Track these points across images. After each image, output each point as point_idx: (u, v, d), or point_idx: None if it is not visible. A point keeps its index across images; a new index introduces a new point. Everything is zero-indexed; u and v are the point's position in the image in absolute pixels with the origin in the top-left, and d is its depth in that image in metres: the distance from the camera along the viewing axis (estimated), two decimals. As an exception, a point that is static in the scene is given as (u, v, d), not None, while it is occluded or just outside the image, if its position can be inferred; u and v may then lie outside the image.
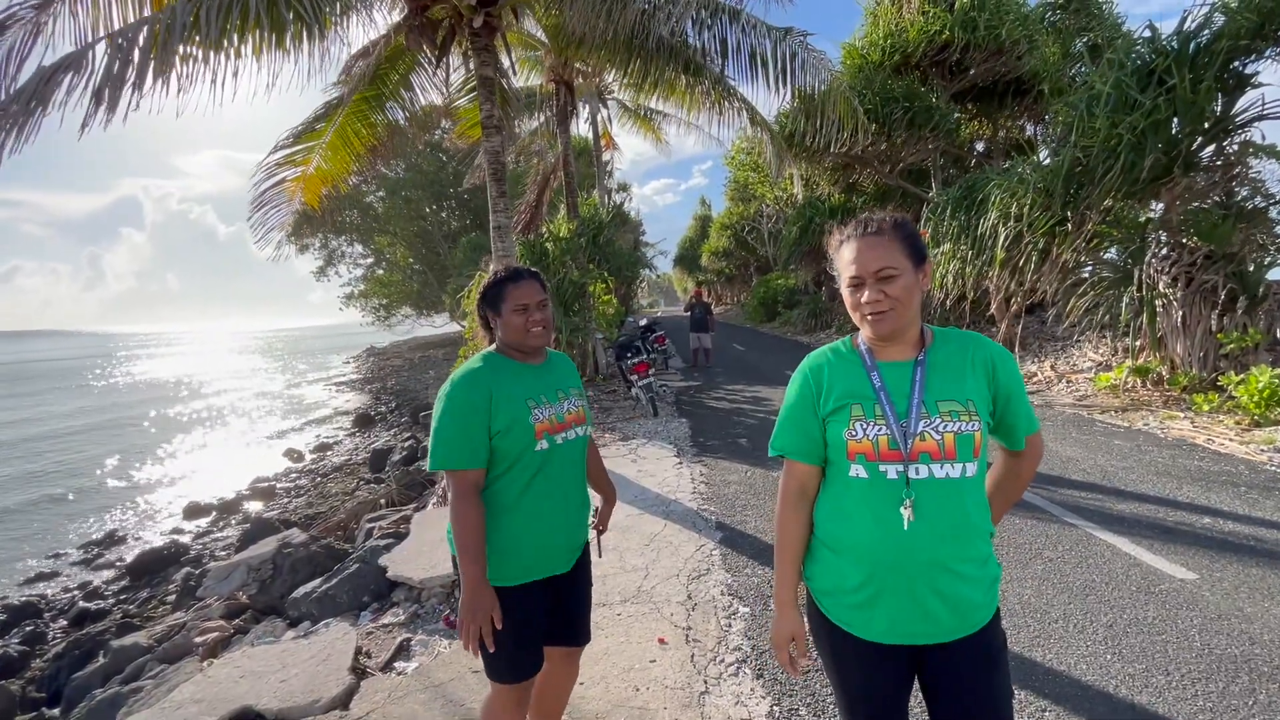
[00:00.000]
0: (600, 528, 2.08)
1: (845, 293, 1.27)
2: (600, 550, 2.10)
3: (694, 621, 3.06)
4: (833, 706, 2.31)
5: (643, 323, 13.82)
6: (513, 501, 1.69)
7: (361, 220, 31.72)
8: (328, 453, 13.57)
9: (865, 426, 1.23)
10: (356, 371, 32.56)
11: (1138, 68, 7.24)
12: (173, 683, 3.15)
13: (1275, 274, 6.95)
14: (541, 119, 13.72)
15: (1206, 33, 6.84)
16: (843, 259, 1.26)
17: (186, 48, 4.24)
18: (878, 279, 1.21)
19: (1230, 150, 7.16)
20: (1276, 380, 5.63)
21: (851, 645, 1.28)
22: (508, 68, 7.59)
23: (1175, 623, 2.74)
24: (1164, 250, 7.32)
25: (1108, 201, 7.71)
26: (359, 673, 2.87)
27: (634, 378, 8.81)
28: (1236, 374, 6.15)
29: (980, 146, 16.92)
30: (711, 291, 55.17)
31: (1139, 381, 7.34)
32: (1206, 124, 6.95)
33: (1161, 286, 7.07)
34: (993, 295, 9.99)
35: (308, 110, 8.14)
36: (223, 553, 7.48)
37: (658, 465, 5.99)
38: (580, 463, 1.85)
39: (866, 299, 1.22)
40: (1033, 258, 8.56)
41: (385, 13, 6.42)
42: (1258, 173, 7.13)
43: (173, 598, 5.96)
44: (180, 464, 14.44)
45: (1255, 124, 6.94)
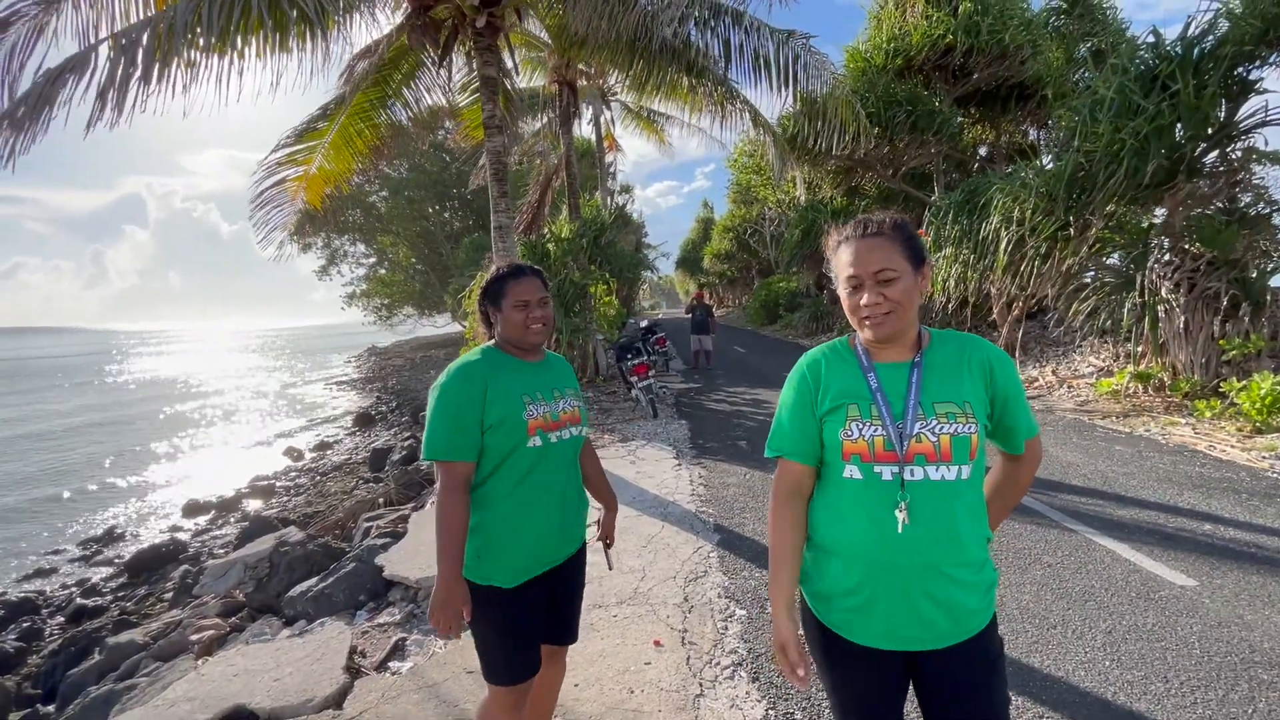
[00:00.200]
0: (608, 540, 2.01)
1: (843, 294, 1.25)
2: (611, 563, 2.04)
3: (690, 624, 3.04)
4: (828, 711, 2.29)
5: (643, 324, 13.80)
6: (505, 500, 1.67)
7: (364, 220, 31.79)
8: (328, 452, 13.56)
9: (861, 427, 1.21)
10: (357, 371, 32.58)
11: (1141, 73, 7.22)
12: (166, 680, 3.14)
13: (1278, 280, 6.93)
14: (545, 120, 13.75)
15: (1211, 38, 6.82)
16: (841, 260, 1.24)
17: (190, 51, 4.24)
18: (877, 281, 1.19)
19: (1234, 156, 7.14)
20: (1278, 387, 5.60)
21: (846, 650, 1.26)
22: (511, 69, 7.60)
23: (1175, 629, 2.72)
24: (1166, 256, 7.30)
25: (1110, 206, 7.69)
26: (353, 672, 2.86)
27: (634, 379, 8.79)
28: (1238, 380, 6.13)
29: (983, 151, 16.89)
30: (713, 294, 55.18)
31: (1140, 387, 7.31)
32: (1210, 130, 6.92)
33: (1164, 292, 7.04)
34: (994, 299, 9.97)
35: (312, 109, 8.16)
36: (221, 550, 7.46)
37: (656, 467, 5.98)
38: (575, 463, 1.83)
39: (866, 301, 1.20)
40: (1034, 262, 8.54)
41: (388, 12, 6.43)
42: (1261, 179, 7.12)
43: (170, 595, 5.94)
44: (180, 462, 14.44)
45: (1259, 130, 6.91)
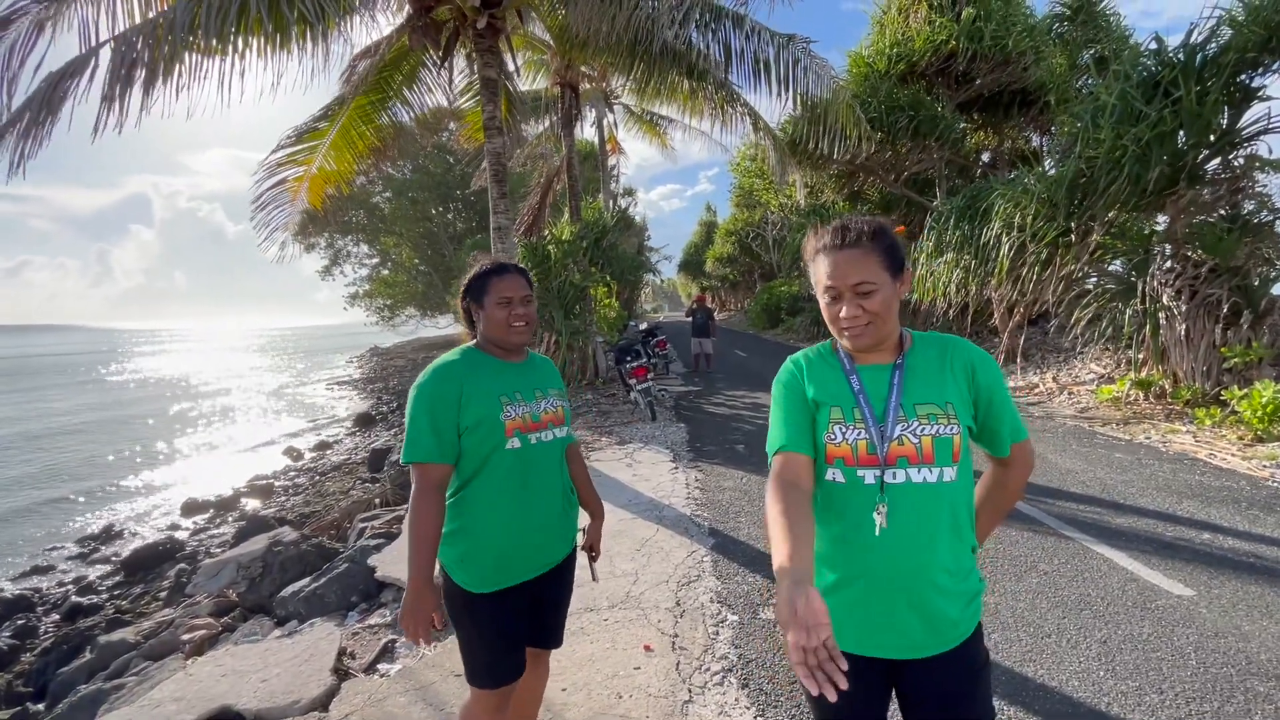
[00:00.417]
0: (593, 551, 1.96)
1: (822, 304, 1.24)
2: (596, 575, 1.98)
3: (681, 629, 3.02)
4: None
5: (642, 327, 13.79)
6: (485, 503, 1.64)
7: (368, 220, 31.87)
8: (327, 451, 13.53)
9: (844, 430, 1.20)
10: (359, 371, 32.62)
11: (1143, 79, 7.20)
12: (155, 680, 3.12)
13: (1280, 288, 6.90)
14: (548, 123, 13.78)
15: (1213, 46, 6.80)
16: (819, 270, 1.22)
17: (190, 54, 4.26)
18: (856, 293, 1.17)
19: (1236, 163, 7.12)
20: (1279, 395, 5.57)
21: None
22: (513, 71, 7.62)
23: (1171, 640, 2.69)
24: (1168, 263, 7.27)
25: (1112, 213, 7.66)
26: (341, 674, 2.84)
27: (632, 381, 8.77)
28: (1240, 388, 6.10)
29: (986, 157, 16.87)
30: (715, 297, 55.22)
31: (1141, 394, 7.27)
32: (1212, 136, 6.90)
33: (1165, 299, 7.01)
34: (995, 305, 9.94)
35: (315, 109, 8.18)
36: (218, 549, 7.44)
37: (653, 470, 5.96)
38: (558, 465, 1.79)
39: (845, 314, 1.18)
40: (1035, 268, 8.51)
41: (389, 14, 6.45)
42: (1264, 187, 7.08)
43: (165, 594, 5.93)
44: (179, 461, 14.44)
45: (1262, 137, 6.89)
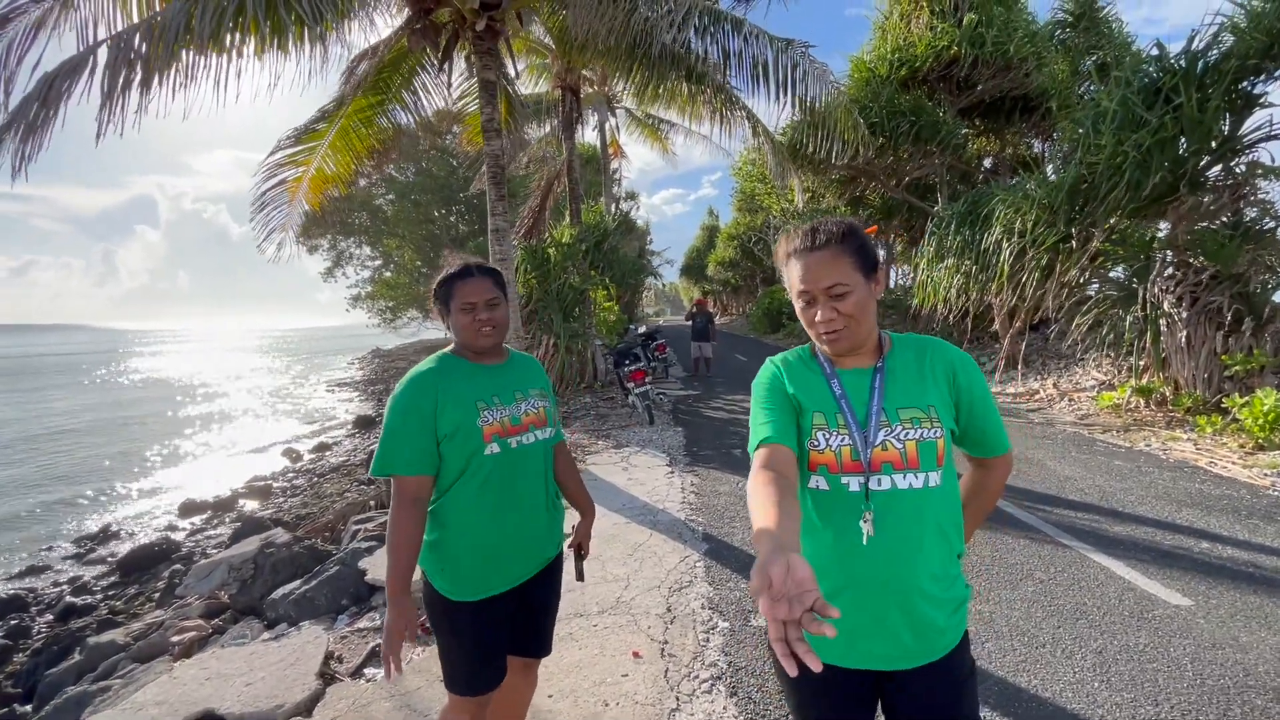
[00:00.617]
0: (582, 550, 1.93)
1: (797, 308, 1.21)
2: (582, 574, 1.94)
3: (671, 635, 2.98)
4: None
5: (641, 330, 13.78)
6: (464, 510, 1.61)
7: (371, 222, 31.92)
8: (326, 453, 13.51)
9: (828, 436, 1.17)
10: (360, 372, 32.65)
11: (1145, 86, 7.18)
12: (141, 683, 3.10)
13: (1282, 296, 6.86)
14: (550, 126, 13.80)
15: (1215, 52, 6.78)
16: (791, 275, 1.19)
17: (188, 51, 4.26)
18: (829, 296, 1.15)
19: (1238, 170, 7.08)
20: (1282, 404, 5.52)
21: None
22: (514, 74, 7.62)
23: (1167, 651, 2.65)
24: (1169, 269, 7.23)
25: (1113, 219, 7.64)
26: (327, 678, 2.81)
27: (630, 385, 8.74)
28: (1241, 396, 6.05)
29: (987, 162, 16.84)
30: (717, 302, 55.24)
31: (1142, 401, 7.22)
32: (1214, 143, 6.87)
33: (1166, 306, 6.97)
34: (996, 311, 9.91)
35: (316, 110, 8.19)
36: (214, 550, 7.43)
37: (649, 474, 5.93)
38: (542, 468, 1.73)
39: (820, 318, 1.16)
40: (1035, 274, 8.48)
41: (387, 16, 6.46)
42: (1266, 194, 7.05)
43: (159, 595, 5.90)
44: (178, 462, 14.43)
45: (1263, 144, 6.86)
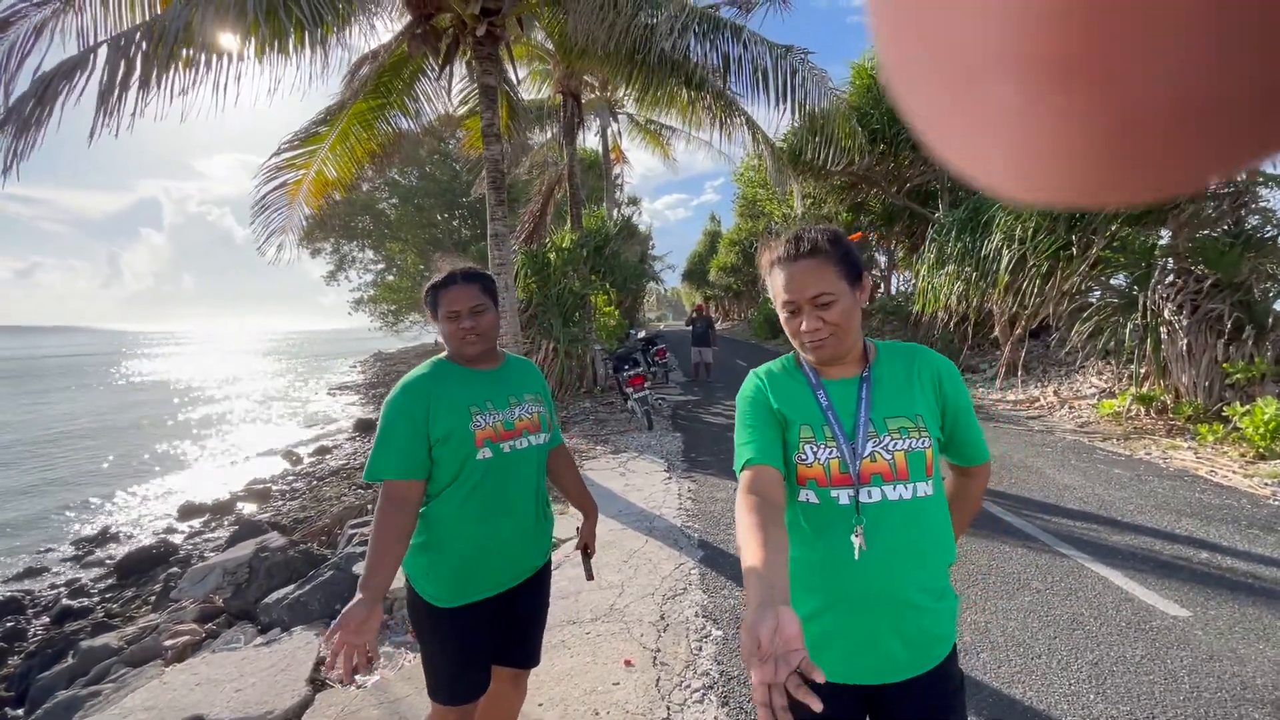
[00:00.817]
0: (588, 549, 1.96)
1: (782, 318, 1.20)
2: (591, 573, 1.97)
3: (664, 643, 2.96)
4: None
5: (641, 335, 13.77)
6: (453, 515, 1.60)
7: (374, 226, 32.02)
8: (326, 456, 13.50)
9: (815, 449, 1.16)
10: (362, 376, 32.68)
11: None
12: (131, 687, 3.08)
13: (1283, 304, 6.83)
14: (552, 131, 13.85)
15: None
16: (775, 284, 1.18)
17: (190, 51, 4.28)
18: (814, 305, 1.14)
19: (1239, 178, 7.07)
20: (1283, 412, 5.48)
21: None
22: (515, 80, 7.65)
23: (1164, 662, 2.63)
24: (1170, 277, 7.21)
25: (1114, 226, 7.62)
26: (317, 684, 2.79)
27: (629, 390, 8.72)
28: (1242, 405, 6.02)
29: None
30: (719, 307, 55.24)
31: (1142, 410, 7.19)
32: (1215, 150, 6.86)
33: (1167, 313, 6.94)
34: (996, 318, 9.88)
35: (316, 113, 8.22)
36: (211, 553, 7.41)
37: (646, 480, 5.91)
38: (534, 474, 1.73)
39: (805, 328, 1.15)
40: (1036, 281, 8.46)
41: (388, 21, 6.49)
42: (1267, 202, 7.04)
43: (155, 598, 5.89)
44: (178, 464, 14.44)
45: (1264, 152, 6.85)
